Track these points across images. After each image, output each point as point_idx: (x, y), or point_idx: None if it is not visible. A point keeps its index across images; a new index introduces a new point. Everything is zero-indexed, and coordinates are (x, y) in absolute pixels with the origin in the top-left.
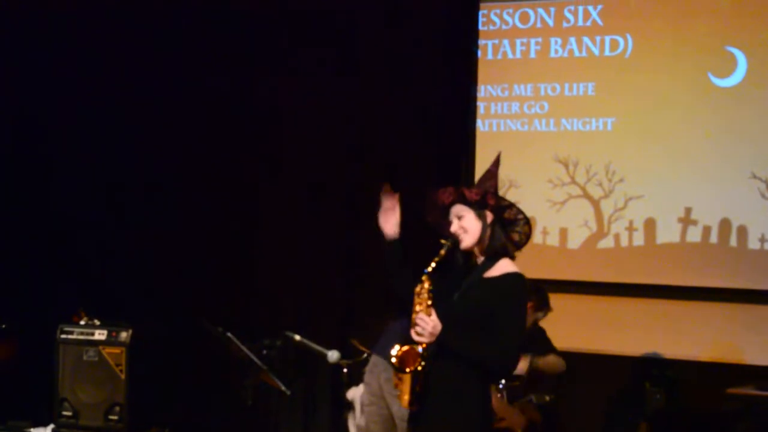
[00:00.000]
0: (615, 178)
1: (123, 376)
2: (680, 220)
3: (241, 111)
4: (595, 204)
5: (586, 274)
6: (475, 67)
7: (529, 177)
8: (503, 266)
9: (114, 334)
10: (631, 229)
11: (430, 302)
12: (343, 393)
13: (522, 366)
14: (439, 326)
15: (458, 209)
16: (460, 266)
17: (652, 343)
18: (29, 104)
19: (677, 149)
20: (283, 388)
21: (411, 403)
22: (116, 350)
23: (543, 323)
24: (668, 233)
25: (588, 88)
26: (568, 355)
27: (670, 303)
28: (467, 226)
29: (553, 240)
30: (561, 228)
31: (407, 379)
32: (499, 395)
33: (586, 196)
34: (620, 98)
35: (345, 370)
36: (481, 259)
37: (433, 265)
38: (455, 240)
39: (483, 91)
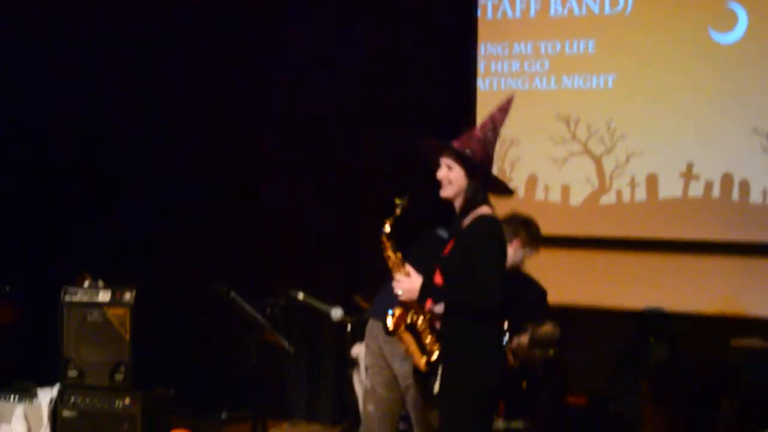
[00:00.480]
0: (616, 135)
1: (127, 337)
2: (682, 175)
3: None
4: (597, 160)
5: (588, 230)
6: (475, 26)
7: (531, 135)
8: (477, 212)
9: (118, 294)
10: (633, 184)
11: (400, 260)
12: (348, 350)
13: (523, 339)
14: (416, 282)
15: (450, 160)
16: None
17: (655, 298)
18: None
19: (678, 105)
20: (287, 346)
21: (428, 363)
22: (120, 311)
23: (545, 279)
24: (670, 188)
25: (588, 46)
26: (571, 311)
27: (672, 257)
28: (453, 178)
29: (555, 197)
30: (563, 185)
31: (409, 341)
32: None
33: (588, 152)
34: (621, 55)
35: (349, 327)
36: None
37: (388, 225)
38: (408, 200)
39: (483, 49)
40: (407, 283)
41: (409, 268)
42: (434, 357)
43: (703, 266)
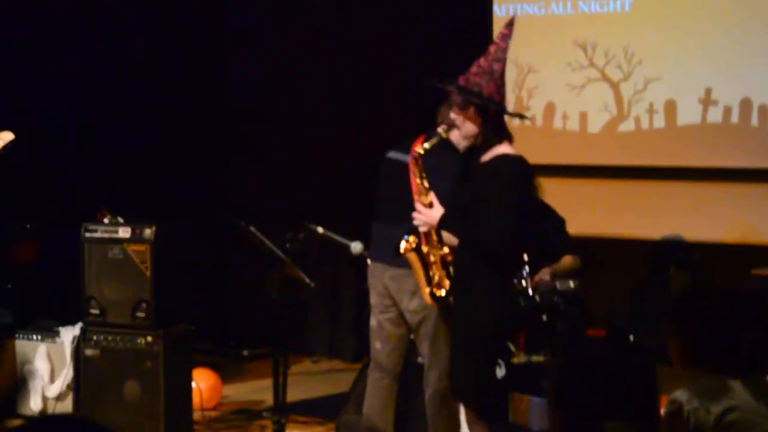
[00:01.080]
0: (634, 61)
1: (148, 273)
2: (700, 101)
3: None
4: (615, 87)
5: (607, 158)
6: None
7: (548, 61)
8: (497, 150)
9: (138, 231)
10: (651, 111)
11: (425, 187)
12: (367, 284)
13: (545, 277)
14: (436, 214)
15: (459, 99)
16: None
17: (675, 226)
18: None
19: (696, 30)
20: (308, 280)
21: (431, 295)
22: (141, 247)
23: (563, 209)
24: (689, 114)
25: None
26: (591, 241)
27: (692, 185)
28: (465, 118)
29: (573, 125)
30: (581, 112)
31: (417, 267)
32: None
33: (605, 79)
34: None
35: (368, 260)
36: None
37: (423, 148)
38: (448, 132)
39: None
40: (427, 213)
41: (432, 197)
42: (442, 292)
43: (723, 194)
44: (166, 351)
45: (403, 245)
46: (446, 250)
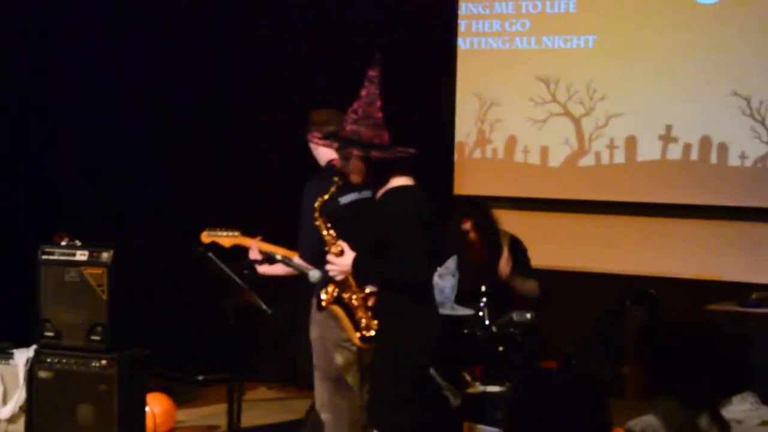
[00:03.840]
0: (596, 96)
1: (105, 297)
2: (661, 137)
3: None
4: (576, 122)
5: (567, 192)
6: None
7: (510, 95)
8: (389, 184)
9: (95, 254)
10: (611, 146)
11: (333, 237)
12: None
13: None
14: (348, 261)
15: (343, 149)
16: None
17: (633, 261)
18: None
19: (658, 67)
20: (265, 307)
21: (362, 338)
22: (98, 271)
23: (524, 241)
24: (649, 151)
25: (569, 5)
26: (549, 273)
27: (651, 220)
28: (353, 165)
29: (534, 158)
30: (542, 146)
31: (342, 316)
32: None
33: (567, 114)
34: (601, 16)
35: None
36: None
37: (320, 200)
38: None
39: (464, 8)
40: (339, 261)
41: (342, 244)
42: (371, 333)
43: (681, 230)
44: (120, 375)
45: (324, 297)
46: (367, 290)
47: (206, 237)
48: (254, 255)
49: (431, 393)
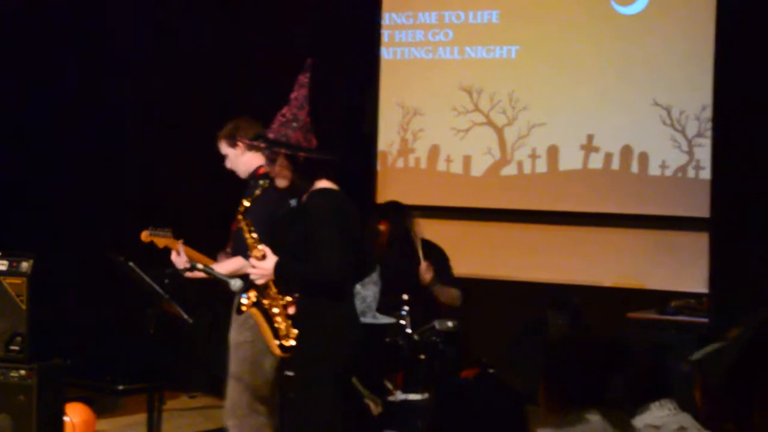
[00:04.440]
0: (518, 106)
1: (24, 307)
2: (582, 147)
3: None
4: (499, 131)
5: (489, 201)
6: None
7: (433, 105)
8: (316, 185)
9: (15, 264)
10: (534, 156)
11: (255, 240)
12: None
13: (426, 276)
14: (269, 265)
15: (270, 152)
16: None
17: (556, 269)
18: None
19: (580, 77)
20: (185, 316)
21: (280, 347)
22: (17, 280)
23: (447, 250)
24: (571, 160)
25: (492, 16)
26: (472, 282)
27: (573, 229)
28: (279, 169)
29: (456, 168)
30: (465, 155)
31: (261, 323)
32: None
33: (490, 123)
34: (524, 26)
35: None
36: None
37: (246, 204)
38: (270, 180)
39: (387, 18)
40: (261, 266)
41: (264, 249)
42: (291, 342)
43: (603, 238)
44: (39, 385)
45: (244, 302)
46: (288, 298)
47: (146, 236)
48: (176, 258)
49: (352, 401)
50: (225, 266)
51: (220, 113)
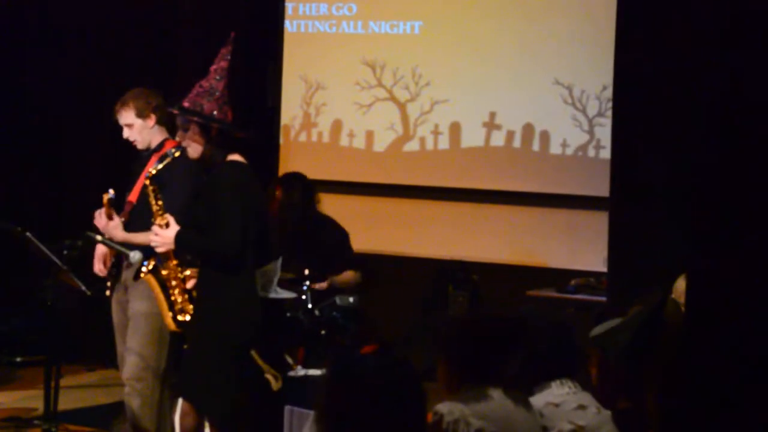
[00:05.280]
0: (421, 82)
1: None
2: (485, 124)
3: None
4: (402, 107)
5: (392, 177)
6: None
7: (336, 79)
8: (227, 158)
9: None
10: (436, 132)
11: (161, 208)
12: None
13: (323, 285)
14: (171, 233)
15: (185, 121)
16: None
17: (457, 246)
18: None
19: (483, 54)
20: (84, 288)
21: (174, 320)
22: None
23: (347, 226)
24: (473, 137)
25: None
26: (373, 258)
27: (475, 206)
28: (192, 139)
29: (359, 143)
30: (367, 131)
31: (158, 293)
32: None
33: (393, 99)
34: (428, 2)
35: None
36: None
37: (155, 170)
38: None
39: None
40: (163, 234)
41: (168, 217)
42: (186, 317)
43: (503, 216)
44: None
45: (143, 270)
46: (188, 272)
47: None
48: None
49: (252, 375)
50: (137, 237)
51: (117, 86)
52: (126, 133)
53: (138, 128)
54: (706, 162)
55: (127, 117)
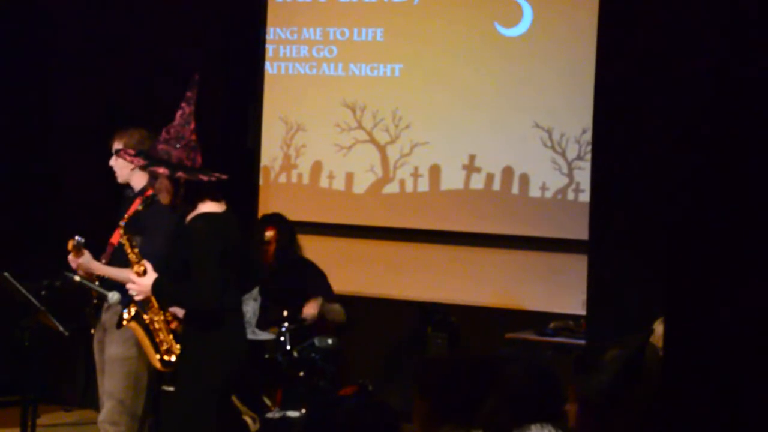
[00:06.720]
0: (401, 124)
1: None
2: (464, 167)
3: None
4: (382, 149)
5: (371, 219)
6: (265, 10)
7: (317, 121)
8: (199, 208)
9: None
10: (416, 175)
11: (137, 255)
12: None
13: (313, 309)
14: (148, 281)
15: (152, 169)
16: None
17: (435, 289)
18: None
19: (463, 97)
20: (61, 328)
21: (161, 361)
22: None
23: (326, 267)
24: (452, 180)
25: (377, 34)
26: (352, 299)
27: (453, 249)
28: (160, 186)
29: (339, 184)
30: (347, 173)
31: (142, 337)
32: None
33: (373, 141)
34: (408, 45)
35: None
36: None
37: (126, 220)
38: (152, 197)
39: (272, 33)
40: (140, 282)
41: (146, 264)
42: (173, 358)
43: (483, 258)
44: None
45: (124, 316)
46: (170, 313)
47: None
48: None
49: (230, 417)
50: (112, 270)
51: (101, 124)
52: (112, 161)
53: (121, 163)
54: (684, 207)
55: (116, 146)
